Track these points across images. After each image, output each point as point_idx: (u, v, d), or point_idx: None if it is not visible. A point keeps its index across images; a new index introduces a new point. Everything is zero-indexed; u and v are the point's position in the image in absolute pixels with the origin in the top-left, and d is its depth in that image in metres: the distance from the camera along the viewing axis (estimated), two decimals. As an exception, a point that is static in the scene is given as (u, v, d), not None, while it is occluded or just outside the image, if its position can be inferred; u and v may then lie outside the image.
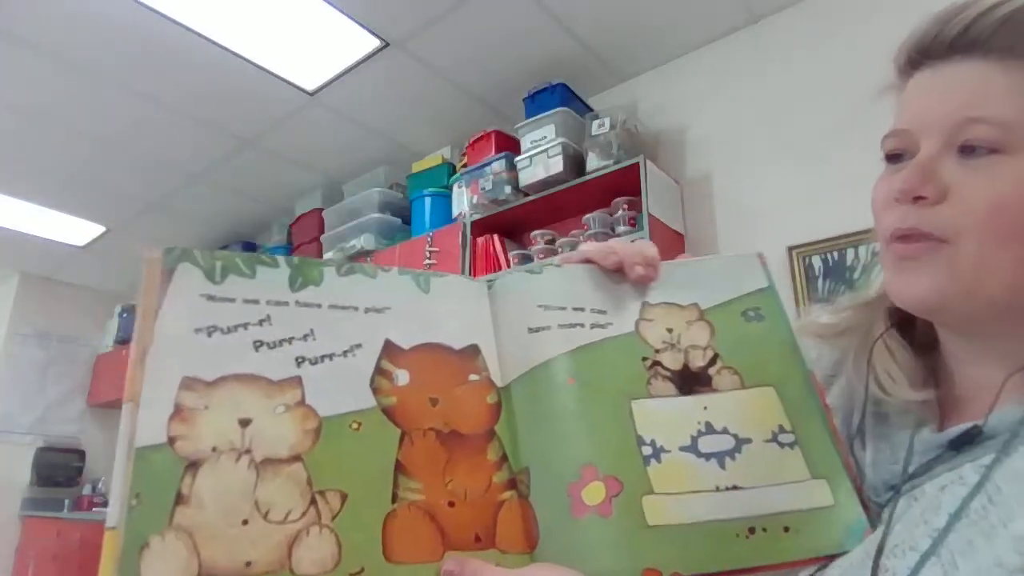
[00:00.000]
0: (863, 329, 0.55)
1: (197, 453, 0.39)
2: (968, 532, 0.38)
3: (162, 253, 0.45)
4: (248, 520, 0.38)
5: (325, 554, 0.39)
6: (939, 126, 0.45)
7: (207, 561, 0.36)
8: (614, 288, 0.55)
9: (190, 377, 0.41)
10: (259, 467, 0.40)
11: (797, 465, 0.48)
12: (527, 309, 0.52)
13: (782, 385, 0.51)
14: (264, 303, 0.46)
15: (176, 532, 0.37)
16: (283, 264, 0.48)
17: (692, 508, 0.45)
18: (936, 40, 0.46)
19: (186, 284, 0.44)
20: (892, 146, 0.48)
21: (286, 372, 0.44)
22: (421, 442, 0.45)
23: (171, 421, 0.40)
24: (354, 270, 0.50)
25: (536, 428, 0.48)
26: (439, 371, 0.48)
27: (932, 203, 0.44)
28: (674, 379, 0.51)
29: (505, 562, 0.43)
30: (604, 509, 0.43)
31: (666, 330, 0.53)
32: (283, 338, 0.45)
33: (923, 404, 0.49)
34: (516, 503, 0.45)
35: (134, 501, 0.37)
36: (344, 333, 0.47)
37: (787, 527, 0.45)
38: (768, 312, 0.55)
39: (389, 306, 0.49)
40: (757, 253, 0.59)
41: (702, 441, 0.48)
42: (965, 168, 0.44)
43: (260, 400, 0.42)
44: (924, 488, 0.44)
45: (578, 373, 0.49)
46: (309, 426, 0.43)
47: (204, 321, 0.43)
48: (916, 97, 0.48)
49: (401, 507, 0.42)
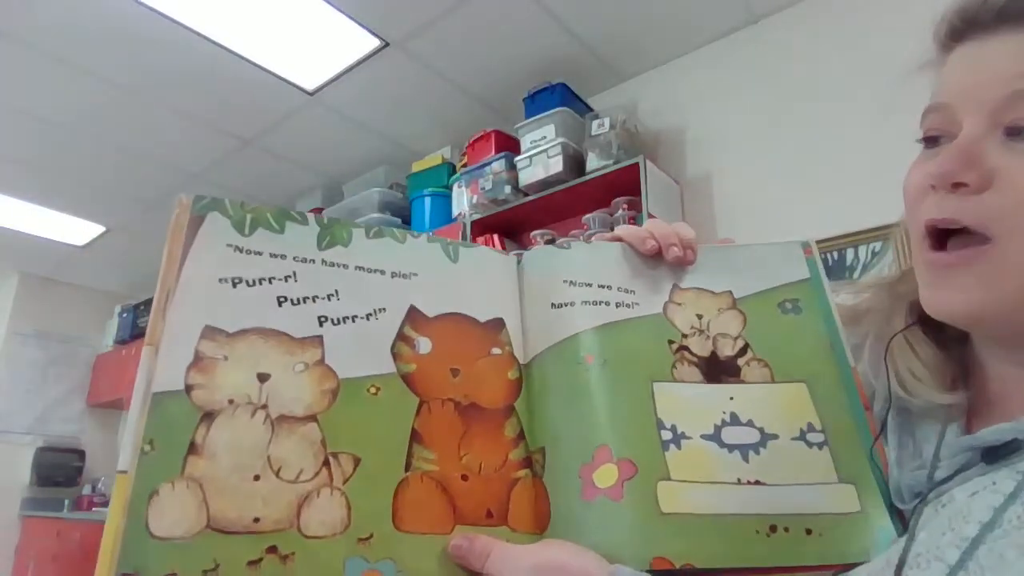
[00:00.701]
0: (883, 315, 0.51)
1: (213, 404, 0.39)
2: (1000, 545, 0.34)
3: (192, 199, 0.44)
4: (260, 476, 0.38)
5: (335, 517, 0.39)
6: (984, 102, 0.39)
7: (216, 513, 0.36)
8: (644, 268, 0.53)
9: (212, 327, 0.41)
10: (274, 423, 0.40)
11: (824, 466, 0.46)
12: (552, 284, 0.51)
13: (815, 381, 0.49)
14: (291, 259, 0.45)
15: (187, 482, 0.37)
16: (312, 222, 0.47)
17: (711, 499, 0.43)
18: (984, 7, 0.41)
19: (214, 233, 0.44)
20: (932, 123, 0.43)
21: (308, 330, 0.43)
22: (439, 412, 0.44)
23: (190, 369, 0.39)
24: (383, 233, 0.49)
25: (553, 407, 0.47)
26: (462, 342, 0.48)
27: (974, 191, 0.39)
28: (701, 365, 0.49)
29: (515, 540, 0.42)
30: (614, 492, 0.42)
31: (695, 315, 0.52)
32: (307, 296, 0.44)
33: (950, 405, 0.44)
34: (530, 482, 0.45)
35: (147, 447, 0.37)
36: (369, 295, 0.46)
37: (809, 529, 0.43)
38: (807, 304, 0.53)
39: (416, 272, 0.49)
40: (803, 242, 0.56)
41: (726, 432, 0.46)
42: (1013, 152, 0.38)
43: (280, 356, 0.42)
44: (953, 493, 0.39)
45: (599, 351, 0.48)
46: (327, 386, 0.42)
47: (229, 271, 0.43)
48: (959, 71, 0.42)
49: (414, 476, 0.42)
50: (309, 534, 0.38)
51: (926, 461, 0.43)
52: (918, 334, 0.48)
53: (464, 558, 0.40)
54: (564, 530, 0.42)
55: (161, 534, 0.35)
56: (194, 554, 0.35)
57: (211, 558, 0.35)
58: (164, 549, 0.35)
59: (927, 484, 0.42)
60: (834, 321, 0.52)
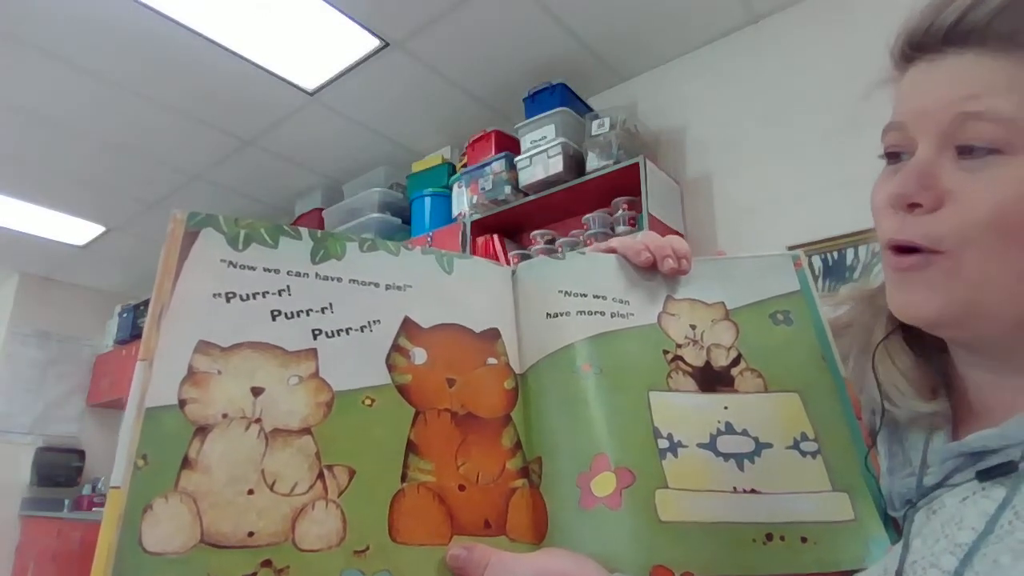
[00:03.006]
0: (866, 326, 0.52)
1: (207, 418, 0.39)
2: (994, 550, 0.35)
3: (186, 215, 0.44)
4: (254, 490, 0.38)
5: (330, 529, 0.38)
6: (935, 124, 0.41)
7: (209, 528, 0.36)
8: (638, 279, 0.54)
9: (206, 341, 0.41)
10: (268, 437, 0.40)
11: (818, 475, 0.46)
12: (547, 294, 0.51)
13: (808, 391, 0.50)
14: (284, 273, 0.45)
15: (181, 496, 0.36)
16: (306, 236, 0.47)
17: (708, 507, 0.43)
18: (929, 32, 0.42)
19: (208, 248, 0.44)
20: (892, 141, 0.45)
21: (302, 343, 0.43)
22: (435, 422, 0.44)
23: (183, 384, 0.39)
24: (377, 246, 0.49)
25: (549, 416, 0.47)
26: (457, 352, 0.48)
27: (928, 211, 0.41)
28: (695, 375, 0.49)
29: (513, 550, 0.42)
30: (613, 501, 0.42)
31: (689, 326, 0.52)
32: (301, 309, 0.44)
33: (934, 413, 0.45)
34: (528, 492, 0.44)
35: (140, 462, 0.37)
36: (363, 308, 0.46)
37: (805, 537, 0.43)
38: (798, 316, 0.53)
39: (411, 284, 0.49)
40: (793, 254, 0.57)
41: (721, 440, 0.46)
42: (964, 171, 0.40)
43: (274, 369, 0.42)
44: (943, 499, 0.41)
45: (595, 360, 0.48)
46: (322, 399, 0.42)
47: (223, 287, 0.43)
48: (911, 93, 0.44)
49: (410, 487, 0.42)
50: (304, 547, 0.37)
51: (915, 468, 0.44)
52: (897, 344, 0.49)
53: (463, 568, 0.40)
54: (562, 539, 0.42)
55: (155, 549, 0.35)
56: (188, 569, 0.35)
57: (205, 573, 0.35)
58: (158, 564, 0.35)
59: (916, 491, 0.43)
60: (825, 332, 0.53)
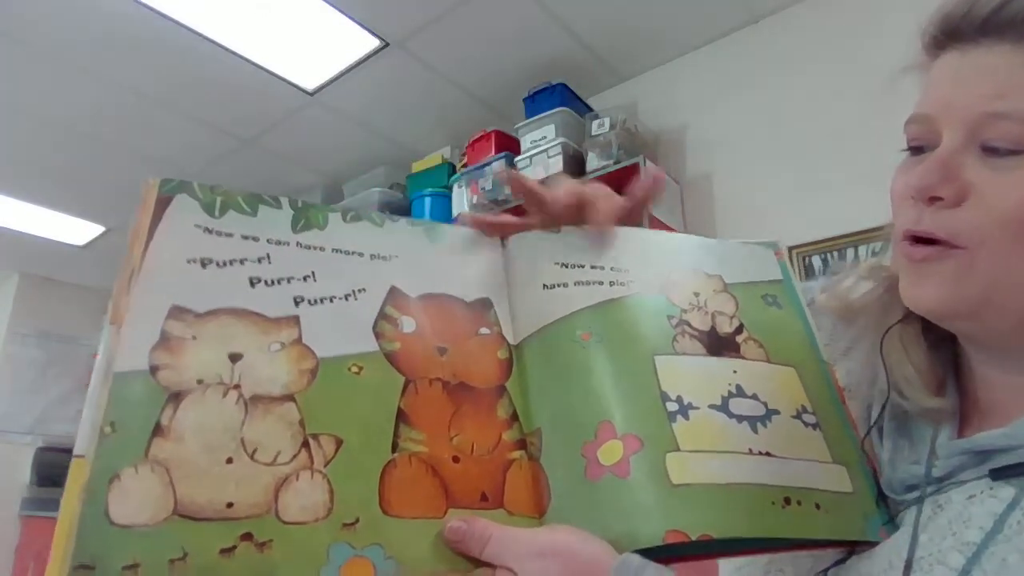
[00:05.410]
0: (878, 313, 0.51)
1: (181, 384, 0.37)
2: (1002, 549, 0.35)
3: (159, 181, 0.43)
4: (233, 459, 0.36)
5: (316, 501, 0.36)
6: (960, 119, 0.40)
7: (184, 498, 0.34)
8: (637, 250, 0.53)
9: (179, 306, 0.39)
10: (248, 404, 0.38)
11: (820, 446, 0.46)
12: (543, 266, 0.50)
13: (802, 369, 0.50)
14: (264, 241, 0.43)
15: (152, 465, 0.34)
16: (286, 205, 0.46)
17: (723, 468, 0.42)
18: (966, 19, 0.41)
19: (182, 213, 0.42)
20: (914, 134, 0.44)
21: (283, 310, 0.41)
22: (426, 391, 0.42)
23: (155, 350, 0.37)
24: (360, 217, 0.48)
25: (549, 387, 0.45)
26: (448, 321, 0.46)
27: (950, 205, 0.40)
28: (702, 339, 0.48)
29: (513, 525, 0.40)
30: (621, 469, 0.40)
31: (693, 294, 0.51)
32: (281, 277, 0.43)
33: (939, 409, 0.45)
34: (527, 464, 0.43)
35: (107, 428, 0.34)
36: (347, 277, 0.44)
37: (819, 504, 0.42)
38: (785, 303, 0.54)
39: (396, 254, 0.47)
40: (773, 245, 0.57)
41: (733, 403, 0.45)
42: (988, 167, 0.39)
43: (254, 336, 0.40)
44: (950, 495, 0.40)
45: (596, 329, 0.47)
46: (305, 366, 0.40)
47: (198, 252, 0.41)
48: (940, 83, 0.43)
49: (402, 457, 0.40)
50: (288, 520, 0.35)
51: (921, 457, 0.44)
52: (912, 333, 0.48)
53: (462, 542, 0.38)
54: (568, 511, 0.40)
55: (122, 521, 0.32)
56: (160, 542, 0.33)
57: (179, 546, 0.33)
58: (126, 537, 0.32)
59: (923, 480, 0.42)
60: (808, 320, 0.53)
